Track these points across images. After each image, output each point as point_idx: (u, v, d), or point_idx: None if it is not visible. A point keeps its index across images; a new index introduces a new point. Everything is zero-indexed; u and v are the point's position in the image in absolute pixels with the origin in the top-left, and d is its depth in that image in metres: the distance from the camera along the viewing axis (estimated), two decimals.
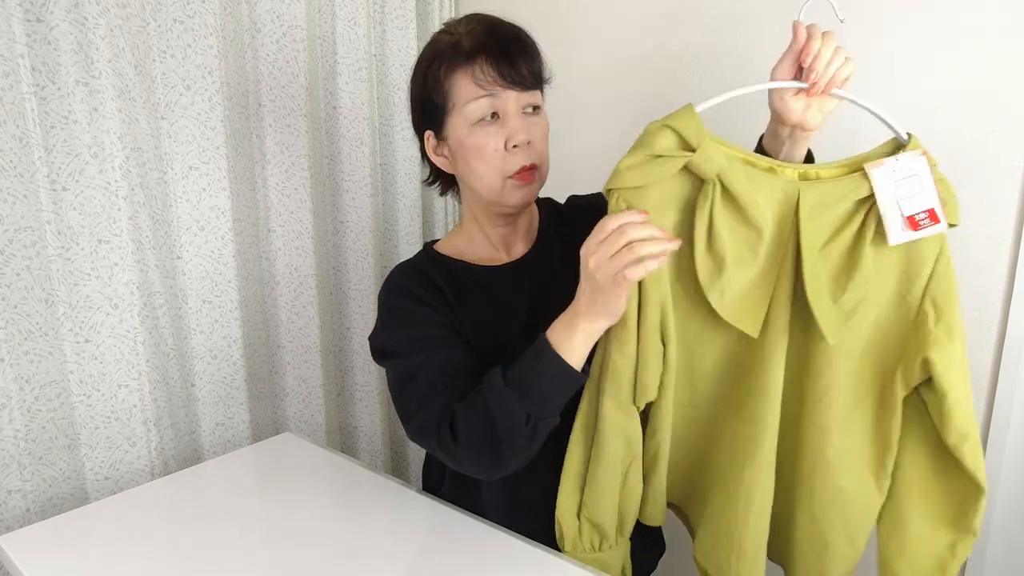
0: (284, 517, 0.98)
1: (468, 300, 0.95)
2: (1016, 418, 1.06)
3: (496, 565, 0.87)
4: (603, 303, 0.77)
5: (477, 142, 0.89)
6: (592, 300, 0.78)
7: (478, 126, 0.89)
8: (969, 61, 1.03)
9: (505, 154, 0.89)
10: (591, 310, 0.79)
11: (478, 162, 0.90)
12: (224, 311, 1.30)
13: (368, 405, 1.62)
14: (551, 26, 1.48)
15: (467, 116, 0.89)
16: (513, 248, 1.00)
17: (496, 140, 0.88)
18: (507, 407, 0.81)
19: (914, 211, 0.76)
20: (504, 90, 0.87)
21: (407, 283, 0.96)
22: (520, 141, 0.88)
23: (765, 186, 0.78)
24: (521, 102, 0.89)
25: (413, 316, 0.93)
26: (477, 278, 0.97)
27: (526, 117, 0.90)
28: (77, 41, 1.04)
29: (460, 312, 0.94)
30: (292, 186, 1.39)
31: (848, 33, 1.11)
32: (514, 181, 0.90)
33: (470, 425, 0.83)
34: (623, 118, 1.40)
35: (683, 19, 1.29)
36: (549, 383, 0.81)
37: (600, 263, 0.75)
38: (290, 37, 1.34)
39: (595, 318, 0.79)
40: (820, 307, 0.77)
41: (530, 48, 0.90)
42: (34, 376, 1.07)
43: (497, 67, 0.86)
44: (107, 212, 1.10)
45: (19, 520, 1.07)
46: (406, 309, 0.93)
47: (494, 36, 0.88)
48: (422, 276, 0.96)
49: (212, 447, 1.32)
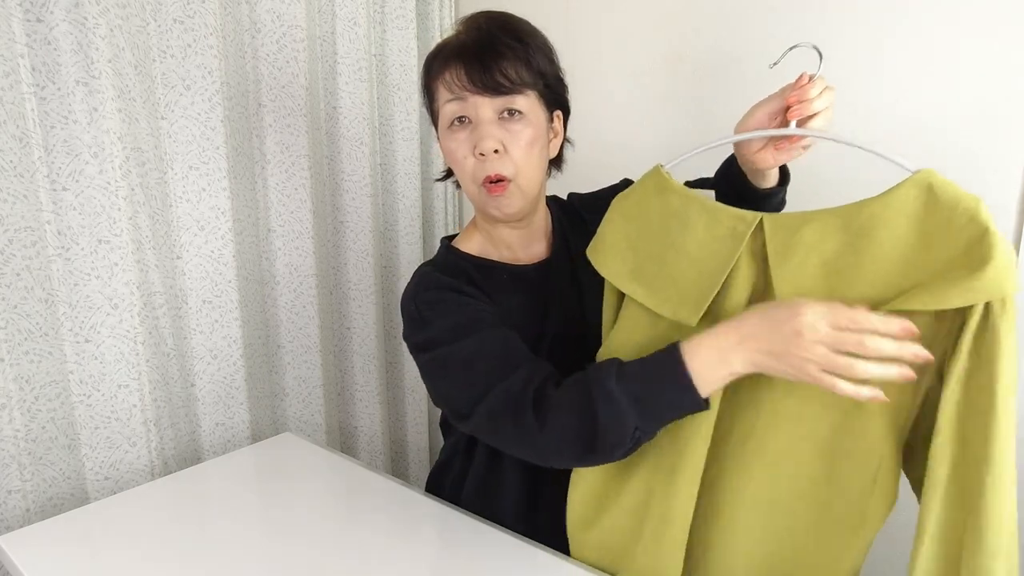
0: (284, 517, 0.98)
1: (503, 295, 0.93)
2: (1016, 418, 1.06)
3: (496, 565, 0.87)
4: (774, 367, 0.69)
5: (449, 147, 0.89)
6: (769, 353, 0.68)
7: (451, 131, 0.88)
8: (969, 62, 1.02)
9: (475, 162, 0.87)
10: (757, 356, 0.69)
11: (454, 166, 0.90)
12: (224, 311, 1.30)
13: (368, 405, 1.62)
14: (551, 26, 1.48)
15: (444, 120, 0.88)
16: (531, 248, 0.98)
17: (465, 147, 0.87)
18: (616, 417, 0.72)
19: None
20: (473, 95, 0.85)
21: (442, 278, 0.91)
22: (486, 149, 0.84)
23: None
24: (495, 107, 0.85)
25: (457, 305, 0.88)
26: (510, 276, 0.95)
27: (502, 124, 0.86)
28: (77, 41, 1.04)
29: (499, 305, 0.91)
30: (292, 186, 1.39)
31: (848, 33, 1.11)
32: (486, 191, 0.88)
33: (565, 424, 0.75)
34: (622, 118, 1.40)
35: (683, 19, 1.29)
36: (668, 405, 0.72)
37: (820, 345, 0.65)
38: (290, 37, 1.34)
39: (750, 367, 0.70)
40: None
41: (515, 51, 0.85)
42: (34, 376, 1.07)
43: (467, 72, 0.84)
44: (107, 212, 1.10)
45: (19, 520, 1.07)
46: (448, 300, 0.88)
47: (477, 38, 0.86)
48: (456, 270, 0.93)
49: (212, 447, 1.32)
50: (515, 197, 0.89)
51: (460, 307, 0.87)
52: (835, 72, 1.13)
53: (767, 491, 0.78)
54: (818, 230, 0.72)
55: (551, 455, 0.79)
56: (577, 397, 0.75)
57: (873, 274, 0.70)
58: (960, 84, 1.04)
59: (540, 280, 0.96)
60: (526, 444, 0.79)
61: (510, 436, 0.80)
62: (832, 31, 1.13)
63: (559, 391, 0.77)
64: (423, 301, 0.89)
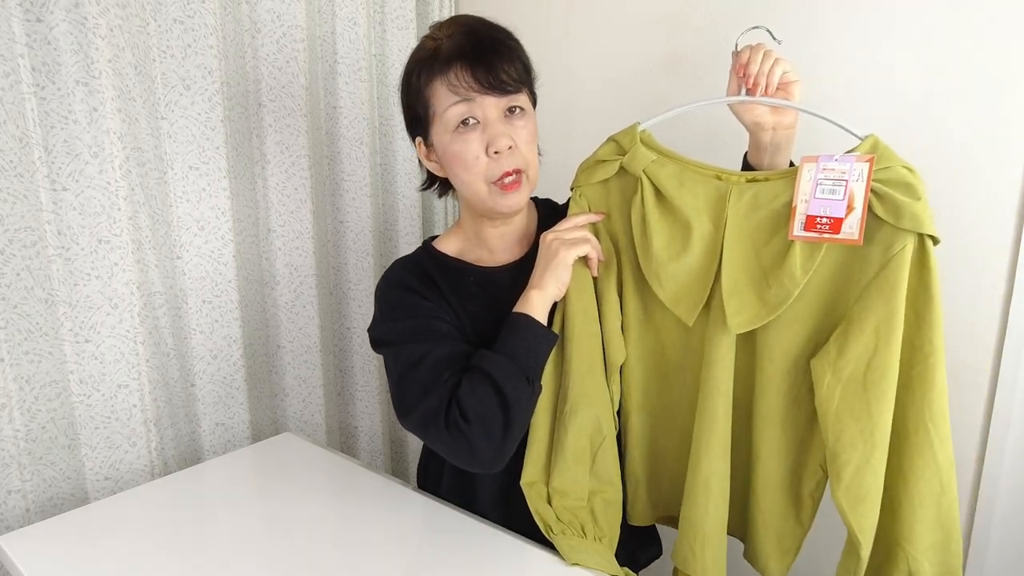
0: (284, 517, 0.98)
1: (466, 300, 0.95)
2: (1016, 418, 1.06)
3: (496, 564, 0.87)
4: (553, 270, 0.88)
5: (457, 150, 0.89)
6: (544, 269, 0.89)
7: (457, 133, 0.88)
8: (970, 61, 1.02)
9: (488, 160, 0.88)
10: (542, 279, 0.89)
11: (461, 170, 0.90)
12: (224, 311, 1.30)
13: (368, 405, 1.62)
14: (550, 26, 1.48)
15: (446, 124, 0.88)
16: (511, 249, 1.00)
17: (476, 147, 0.88)
18: (506, 370, 0.85)
19: (816, 213, 0.76)
20: (481, 95, 0.86)
21: (408, 278, 0.96)
22: (501, 147, 0.87)
23: (694, 184, 0.85)
24: (501, 106, 0.88)
25: (415, 308, 0.93)
26: (475, 279, 0.97)
27: (509, 121, 0.89)
28: (77, 41, 1.04)
29: (458, 310, 0.94)
30: (292, 186, 1.39)
31: (848, 33, 1.11)
32: (498, 188, 0.89)
33: (477, 399, 0.85)
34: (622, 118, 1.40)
35: (682, 21, 1.29)
36: (533, 341, 0.88)
37: (558, 236, 0.89)
38: (290, 37, 1.34)
39: (545, 286, 0.88)
40: (732, 294, 0.81)
41: (510, 50, 0.89)
42: (34, 376, 1.07)
43: (473, 72, 0.85)
44: (107, 212, 1.10)
45: (19, 520, 1.07)
46: (408, 302, 0.94)
47: (472, 40, 0.87)
48: (422, 272, 0.97)
49: (212, 447, 1.32)
50: (525, 190, 0.92)
51: (415, 312, 0.93)
52: (835, 72, 1.14)
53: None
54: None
55: (480, 439, 0.85)
56: (473, 377, 0.86)
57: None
58: (960, 84, 1.04)
59: (509, 281, 0.97)
60: (458, 441, 0.85)
61: (443, 437, 0.87)
62: (832, 31, 1.13)
63: (461, 388, 0.86)
64: (392, 297, 0.96)
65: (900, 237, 0.74)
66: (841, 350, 0.78)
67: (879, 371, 0.76)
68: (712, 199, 0.84)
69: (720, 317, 0.83)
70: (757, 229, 0.82)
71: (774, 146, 0.89)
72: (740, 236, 0.82)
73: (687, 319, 0.86)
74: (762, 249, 0.81)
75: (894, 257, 0.74)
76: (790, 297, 0.79)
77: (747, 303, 0.81)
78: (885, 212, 0.74)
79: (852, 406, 0.77)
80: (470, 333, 0.94)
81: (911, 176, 0.75)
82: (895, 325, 0.75)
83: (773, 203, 0.81)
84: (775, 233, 0.81)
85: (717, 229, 0.84)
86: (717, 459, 0.86)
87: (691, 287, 0.85)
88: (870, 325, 0.76)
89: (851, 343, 0.77)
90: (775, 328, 0.83)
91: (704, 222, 0.84)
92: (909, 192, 0.74)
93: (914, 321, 0.76)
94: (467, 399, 0.85)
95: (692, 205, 0.84)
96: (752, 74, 0.84)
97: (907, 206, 0.73)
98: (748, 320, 0.81)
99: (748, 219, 0.82)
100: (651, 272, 0.87)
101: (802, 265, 0.78)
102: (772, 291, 0.80)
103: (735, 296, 0.81)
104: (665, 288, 0.86)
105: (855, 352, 0.77)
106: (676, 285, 0.86)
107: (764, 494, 0.90)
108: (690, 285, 0.85)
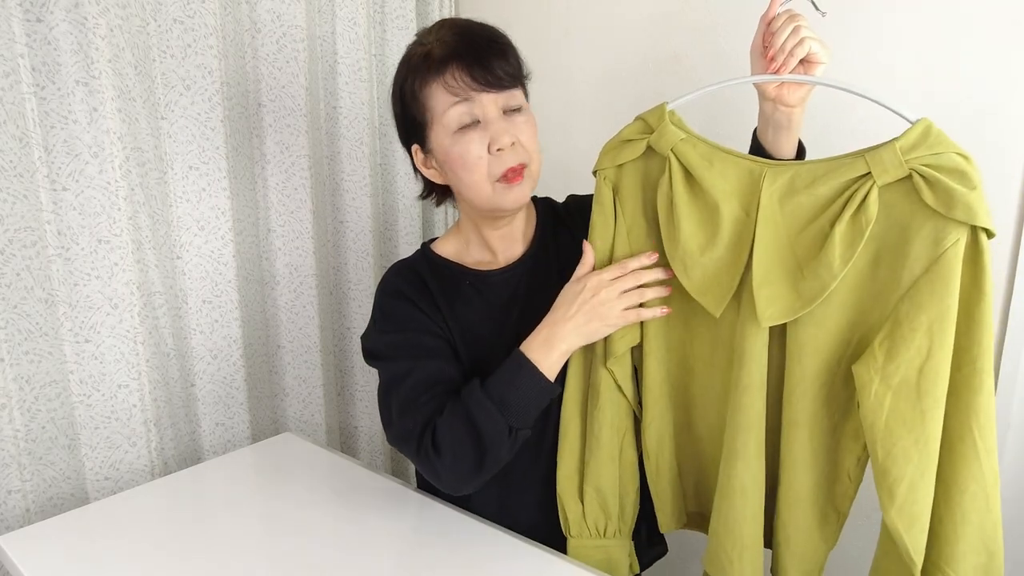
0: (284, 517, 0.98)
1: (459, 304, 0.95)
2: (1016, 418, 1.06)
3: (496, 564, 0.87)
4: (594, 330, 0.84)
5: (460, 150, 0.88)
6: (583, 323, 0.84)
7: (459, 134, 0.88)
8: (970, 61, 1.02)
9: (490, 158, 0.88)
10: (577, 331, 0.84)
11: (464, 171, 0.89)
12: (224, 311, 1.30)
13: (368, 405, 1.62)
14: (549, 25, 1.48)
15: (447, 126, 0.88)
16: (510, 250, 0.99)
17: (479, 146, 0.87)
18: (490, 419, 0.83)
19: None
20: (479, 94, 0.86)
21: (401, 284, 0.96)
22: (504, 144, 0.87)
23: (725, 165, 0.79)
24: (500, 103, 0.88)
25: (405, 321, 0.93)
26: (471, 281, 0.97)
27: (509, 117, 0.89)
28: (77, 41, 1.04)
29: (450, 317, 0.94)
30: (292, 186, 1.39)
31: (848, 34, 1.11)
32: (503, 184, 0.89)
33: (453, 437, 0.84)
34: (621, 117, 1.40)
35: (681, 21, 1.29)
36: (528, 398, 0.85)
37: (609, 297, 0.83)
38: (290, 37, 1.34)
39: (577, 339, 0.85)
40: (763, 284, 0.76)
41: (504, 48, 0.89)
42: (34, 376, 1.07)
43: (469, 72, 0.85)
44: (107, 212, 1.10)
45: (19, 520, 1.07)
46: (399, 312, 0.94)
47: (464, 40, 0.87)
48: (416, 278, 0.96)
49: (212, 447, 1.32)
50: (527, 184, 0.91)
51: (406, 325, 0.93)
52: (835, 72, 1.13)
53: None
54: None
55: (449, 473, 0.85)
56: (455, 411, 0.85)
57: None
58: (960, 84, 1.04)
59: (506, 283, 0.97)
60: (428, 468, 0.86)
61: (415, 460, 0.88)
62: (832, 31, 1.13)
63: (441, 417, 0.85)
64: (384, 306, 0.96)
65: (952, 230, 0.68)
66: (890, 354, 0.71)
67: (932, 376, 0.69)
68: (744, 182, 0.78)
69: (751, 310, 0.77)
70: (792, 215, 0.75)
71: (775, 122, 0.84)
72: (773, 222, 0.76)
73: (714, 310, 0.80)
74: (797, 237, 0.75)
75: (946, 251, 0.68)
76: (826, 289, 0.72)
77: (779, 294, 0.75)
78: (936, 200, 0.67)
79: (904, 415, 0.70)
80: (460, 341, 0.93)
81: (965, 164, 0.68)
82: (948, 325, 0.68)
83: (811, 188, 0.74)
84: (812, 220, 0.74)
85: (748, 215, 0.77)
86: (753, 459, 0.80)
87: (719, 276, 0.79)
88: (922, 326, 0.69)
89: (901, 346, 0.70)
90: (806, 325, 0.77)
91: (735, 206, 0.78)
92: (963, 180, 0.67)
93: (964, 320, 0.69)
94: (443, 432, 0.84)
95: (722, 188, 0.78)
96: (776, 46, 0.78)
97: (960, 195, 0.66)
98: (780, 312, 0.75)
99: (783, 204, 0.76)
100: (676, 259, 0.81)
101: (841, 255, 0.71)
102: (807, 282, 0.73)
103: (766, 286, 0.75)
104: (691, 277, 0.80)
105: (906, 356, 0.70)
106: (703, 274, 0.80)
107: (787, 506, 0.83)
108: (718, 274, 0.79)
